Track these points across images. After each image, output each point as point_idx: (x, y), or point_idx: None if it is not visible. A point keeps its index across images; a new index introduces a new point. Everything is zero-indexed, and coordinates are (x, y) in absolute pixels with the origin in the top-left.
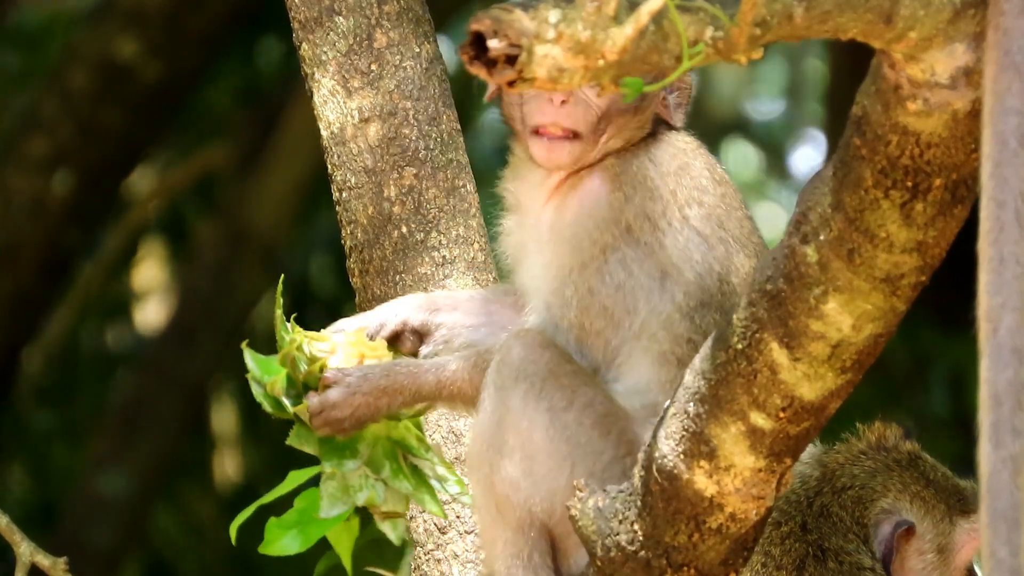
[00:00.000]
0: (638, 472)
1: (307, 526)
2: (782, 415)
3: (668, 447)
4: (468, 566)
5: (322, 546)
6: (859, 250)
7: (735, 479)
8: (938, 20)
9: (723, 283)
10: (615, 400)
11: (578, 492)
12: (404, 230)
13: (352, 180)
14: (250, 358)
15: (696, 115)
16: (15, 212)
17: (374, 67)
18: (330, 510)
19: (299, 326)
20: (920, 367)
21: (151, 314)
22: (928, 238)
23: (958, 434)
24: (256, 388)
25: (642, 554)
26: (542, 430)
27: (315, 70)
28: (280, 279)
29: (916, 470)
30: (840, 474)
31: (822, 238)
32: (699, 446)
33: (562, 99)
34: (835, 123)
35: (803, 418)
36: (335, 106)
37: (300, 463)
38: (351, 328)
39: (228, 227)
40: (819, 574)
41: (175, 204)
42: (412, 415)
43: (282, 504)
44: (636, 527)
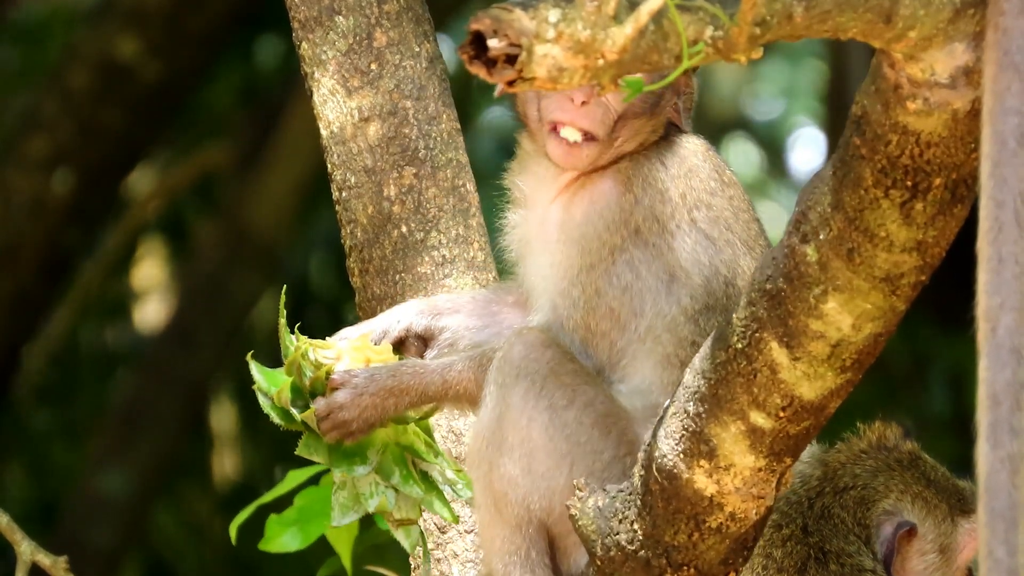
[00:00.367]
0: (638, 471)
1: (307, 524)
2: (782, 414)
3: (668, 446)
4: (468, 566)
5: (322, 546)
6: (859, 249)
7: (735, 478)
8: (938, 20)
9: (729, 286)
10: (616, 400)
11: (578, 491)
12: (404, 229)
13: (352, 179)
14: (256, 370)
15: (696, 115)
16: (15, 212)
17: (374, 66)
18: (342, 519)
19: (303, 334)
20: (920, 367)
21: (151, 314)
22: (928, 237)
23: (958, 434)
24: (263, 400)
25: (642, 553)
26: (542, 428)
27: (315, 69)
28: (283, 289)
29: (917, 470)
30: (842, 474)
31: (822, 237)
32: (699, 445)
33: (582, 99)
34: (835, 123)
35: (803, 417)
36: (335, 105)
37: (299, 463)
38: (355, 335)
39: (228, 227)
40: None
41: (175, 204)
42: (420, 417)
43: (282, 503)
44: (636, 526)
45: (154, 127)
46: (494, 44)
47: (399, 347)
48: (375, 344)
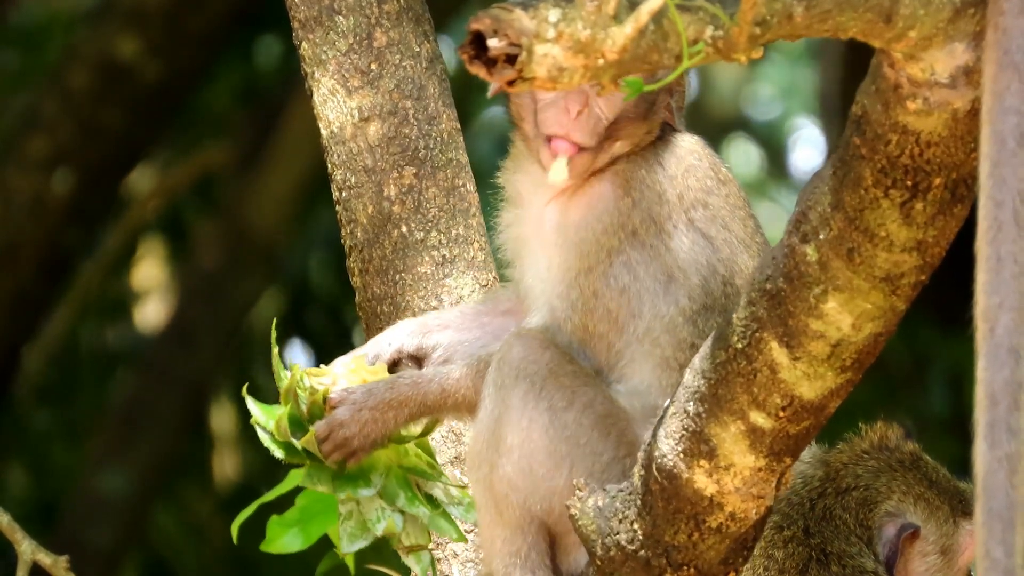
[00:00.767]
0: (638, 471)
1: (308, 524)
2: (782, 414)
3: (668, 446)
4: (468, 566)
5: (322, 545)
6: (859, 249)
7: (735, 478)
8: (938, 19)
9: (727, 286)
10: (615, 401)
11: (578, 491)
12: (404, 229)
13: (352, 179)
14: (253, 404)
15: (696, 115)
16: (15, 212)
17: (374, 66)
18: (351, 547)
19: (302, 334)
20: (919, 366)
21: (151, 313)
22: (928, 237)
23: (957, 434)
24: (263, 434)
25: (642, 553)
26: (542, 429)
27: (315, 69)
28: (273, 322)
29: (919, 471)
30: (844, 474)
31: (822, 237)
32: (699, 445)
33: (577, 110)
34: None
35: (803, 417)
36: (335, 105)
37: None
38: (346, 361)
39: (228, 227)
40: None
41: (175, 204)
42: (420, 434)
43: (281, 503)
44: (636, 526)
45: (154, 127)
46: (494, 44)
47: (393, 369)
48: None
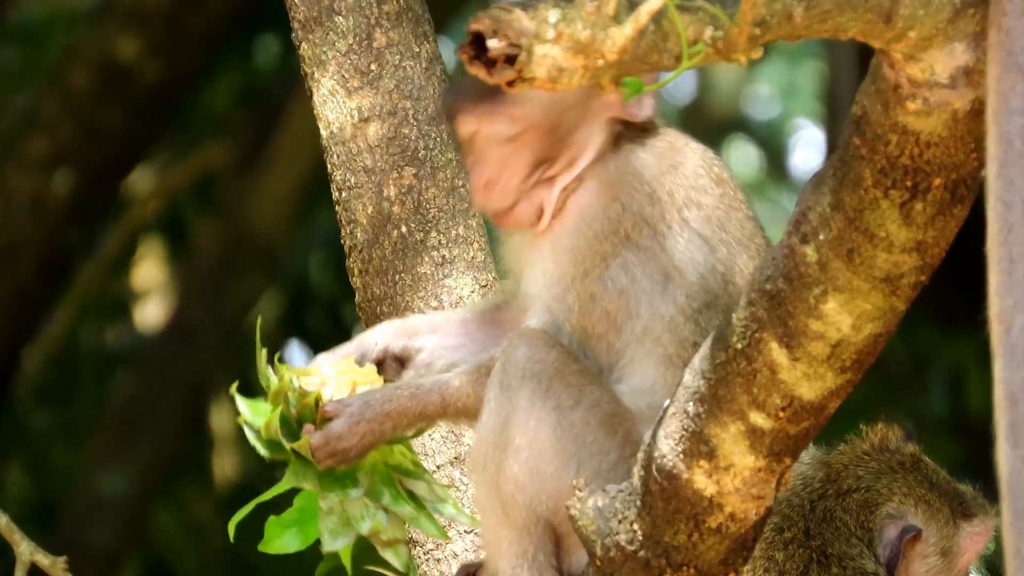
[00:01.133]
0: (637, 472)
1: (306, 524)
2: (782, 415)
3: (667, 447)
4: None
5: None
6: (859, 250)
7: (735, 479)
8: (938, 20)
9: (728, 284)
10: (621, 400)
11: (577, 492)
12: (404, 230)
13: (352, 180)
14: (241, 402)
15: (696, 115)
16: (15, 212)
17: (374, 67)
18: (333, 543)
19: (301, 334)
20: (919, 366)
21: (151, 313)
22: (928, 238)
23: (956, 433)
24: (250, 433)
25: (641, 554)
26: (550, 429)
27: (315, 70)
28: (258, 321)
29: (919, 473)
30: (845, 476)
31: (822, 238)
32: (699, 446)
33: (484, 184)
34: (835, 123)
35: (803, 418)
36: (335, 106)
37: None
38: (333, 359)
39: (228, 227)
40: None
41: (175, 204)
42: (412, 435)
43: (281, 502)
44: (635, 527)
45: (154, 127)
46: (494, 44)
47: (377, 368)
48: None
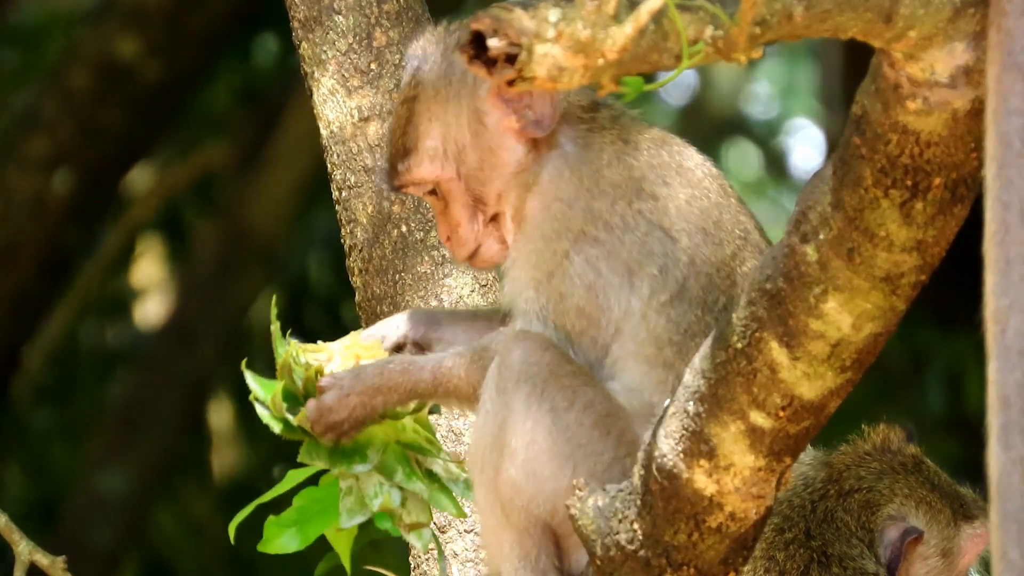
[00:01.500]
0: (638, 471)
1: (306, 524)
2: (782, 414)
3: (668, 446)
4: (468, 565)
5: (321, 544)
6: (859, 249)
7: (735, 478)
8: (938, 19)
9: (698, 274)
10: (615, 400)
11: (577, 492)
12: (404, 229)
13: (352, 179)
14: (251, 379)
15: (695, 115)
16: (15, 211)
17: (373, 66)
18: (348, 522)
19: (302, 335)
20: (917, 365)
21: (150, 311)
22: (928, 237)
23: (955, 432)
24: (261, 410)
25: (642, 553)
26: (545, 431)
27: (315, 69)
28: (273, 298)
29: (921, 474)
30: (847, 476)
31: (822, 237)
32: (699, 445)
33: (445, 236)
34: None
35: (803, 417)
36: (335, 105)
37: (297, 462)
38: (345, 339)
39: (228, 226)
40: None
41: (175, 203)
42: (409, 413)
43: (281, 502)
44: (636, 526)
45: (154, 127)
46: (494, 44)
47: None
48: None
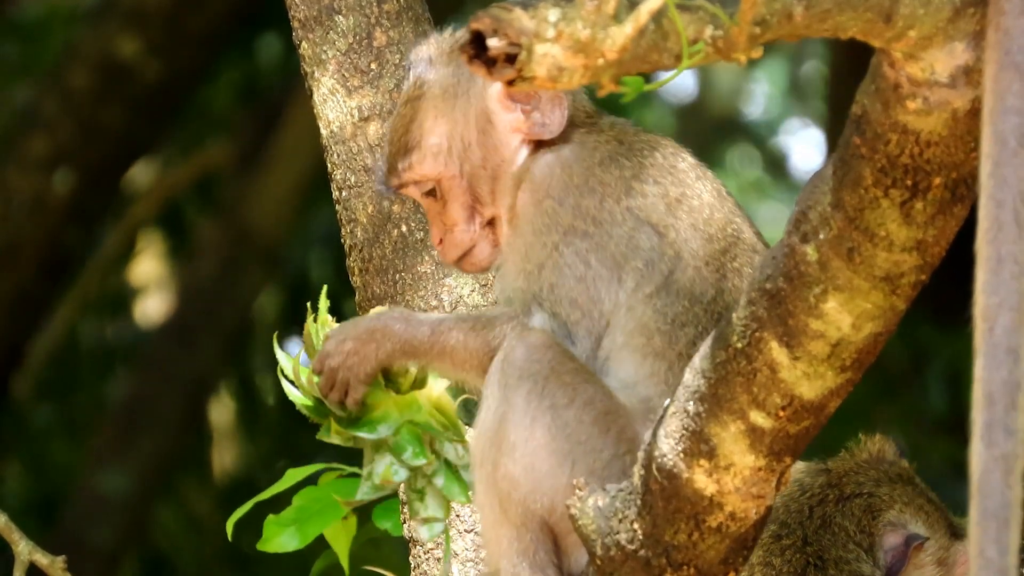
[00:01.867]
0: (638, 471)
1: (305, 523)
2: (782, 414)
3: (668, 446)
4: (468, 565)
5: (320, 543)
6: (859, 249)
7: (735, 478)
8: (938, 19)
9: (684, 269)
10: (615, 397)
11: (577, 491)
12: (404, 229)
13: (352, 179)
14: (282, 356)
15: (695, 115)
16: (16, 211)
17: (374, 66)
18: (361, 494)
19: (301, 334)
20: (917, 364)
21: (151, 310)
22: (928, 237)
23: (955, 431)
24: (289, 387)
25: (642, 553)
26: (544, 427)
27: (315, 69)
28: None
29: (916, 486)
30: (847, 481)
31: (822, 237)
32: (699, 445)
33: (438, 238)
34: (835, 122)
35: (803, 417)
36: (335, 105)
37: (298, 460)
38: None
39: (228, 225)
40: None
41: (175, 203)
42: (412, 386)
43: (280, 500)
44: (636, 526)
45: (154, 126)
46: (494, 43)
47: None
48: None
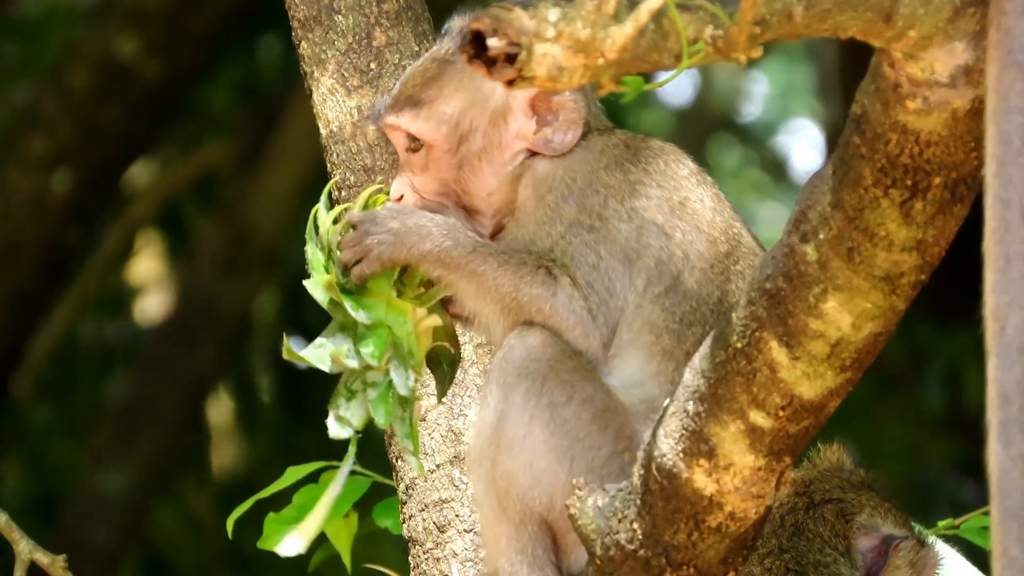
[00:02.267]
0: (637, 471)
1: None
2: (781, 414)
3: (667, 446)
4: (467, 565)
5: (319, 542)
6: (859, 249)
7: (734, 478)
8: (938, 19)
9: (691, 270)
10: (614, 395)
11: (577, 491)
12: None
13: (351, 179)
14: (324, 201)
15: (695, 115)
16: (15, 211)
17: (373, 66)
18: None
19: (301, 333)
20: (917, 363)
21: (151, 309)
22: (928, 236)
23: (955, 430)
24: (311, 232)
25: (641, 553)
26: (542, 424)
27: (314, 69)
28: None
29: (877, 492)
30: (814, 489)
31: (821, 237)
32: (698, 445)
33: (400, 194)
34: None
35: (802, 417)
36: (334, 104)
37: (298, 459)
38: None
39: (228, 225)
40: None
41: (175, 202)
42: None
43: (280, 499)
44: (635, 526)
45: (154, 126)
46: (494, 43)
47: None
48: None
